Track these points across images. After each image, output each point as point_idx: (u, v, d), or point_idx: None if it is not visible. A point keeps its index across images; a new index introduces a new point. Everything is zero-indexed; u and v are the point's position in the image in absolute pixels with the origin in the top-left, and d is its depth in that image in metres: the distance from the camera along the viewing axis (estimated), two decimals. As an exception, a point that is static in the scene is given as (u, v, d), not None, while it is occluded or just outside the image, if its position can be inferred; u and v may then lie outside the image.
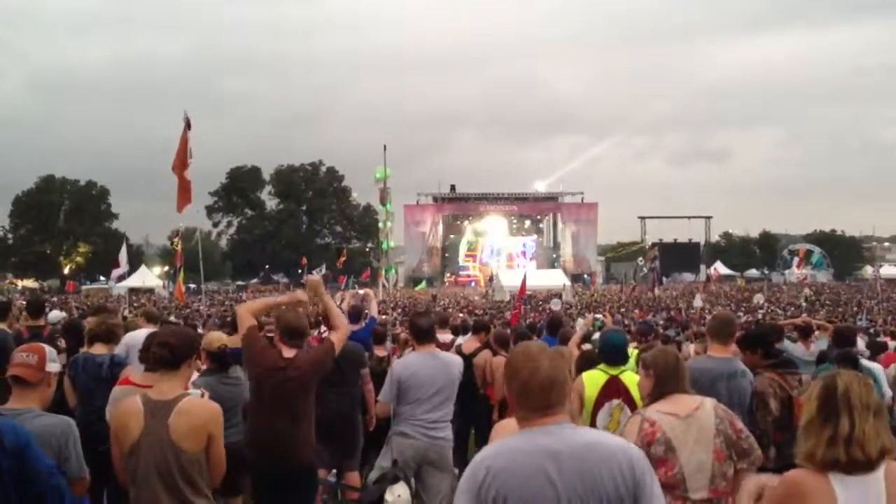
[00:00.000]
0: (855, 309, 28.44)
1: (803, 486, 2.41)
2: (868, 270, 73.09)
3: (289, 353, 4.52)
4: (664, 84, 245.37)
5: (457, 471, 5.62)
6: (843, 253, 79.71)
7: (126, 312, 18.81)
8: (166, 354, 3.48)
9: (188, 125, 13.54)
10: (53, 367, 3.41)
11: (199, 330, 10.47)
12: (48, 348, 3.43)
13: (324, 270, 53.76)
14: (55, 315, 12.99)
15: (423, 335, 5.34)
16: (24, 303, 9.36)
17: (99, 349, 5.33)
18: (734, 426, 3.26)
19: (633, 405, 4.32)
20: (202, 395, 3.71)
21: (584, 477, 2.16)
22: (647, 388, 3.41)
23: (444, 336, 8.09)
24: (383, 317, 12.61)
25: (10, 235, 69.84)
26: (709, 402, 3.31)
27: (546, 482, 2.16)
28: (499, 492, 2.17)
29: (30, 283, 66.79)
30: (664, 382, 3.33)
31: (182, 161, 13.48)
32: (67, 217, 69.37)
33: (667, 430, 3.18)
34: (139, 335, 5.54)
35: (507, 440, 2.33)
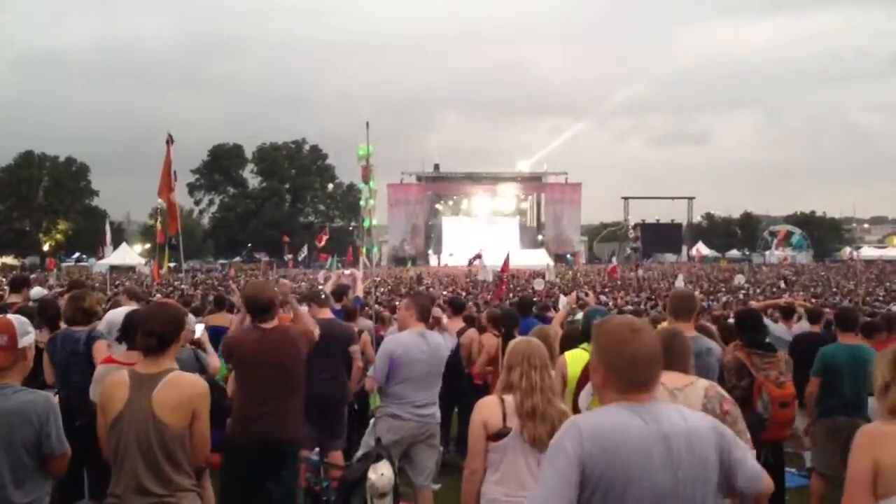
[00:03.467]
0: (834, 289, 28.69)
1: None
2: (847, 251, 73.85)
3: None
4: (647, 67, 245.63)
5: (441, 448, 5.65)
6: (824, 234, 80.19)
7: (108, 290, 18.63)
8: (153, 343, 3.42)
9: (170, 142, 13.67)
10: (26, 340, 3.30)
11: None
12: (17, 322, 3.29)
13: (305, 251, 53.58)
14: (37, 291, 12.85)
15: (424, 314, 5.36)
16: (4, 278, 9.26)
17: (78, 326, 5.25)
18: (722, 407, 3.17)
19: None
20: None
21: (696, 462, 2.13)
22: None
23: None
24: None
25: (-12, 212, 68.86)
26: (703, 382, 3.26)
27: (660, 465, 2.09)
28: (604, 472, 2.07)
29: (9, 259, 66.02)
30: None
31: (167, 184, 13.64)
32: (47, 193, 68.43)
33: None
34: (121, 312, 5.45)
35: (610, 414, 2.18)
